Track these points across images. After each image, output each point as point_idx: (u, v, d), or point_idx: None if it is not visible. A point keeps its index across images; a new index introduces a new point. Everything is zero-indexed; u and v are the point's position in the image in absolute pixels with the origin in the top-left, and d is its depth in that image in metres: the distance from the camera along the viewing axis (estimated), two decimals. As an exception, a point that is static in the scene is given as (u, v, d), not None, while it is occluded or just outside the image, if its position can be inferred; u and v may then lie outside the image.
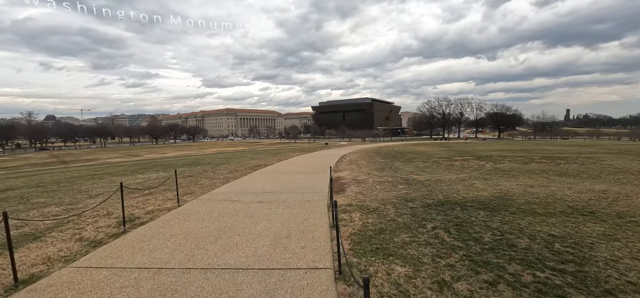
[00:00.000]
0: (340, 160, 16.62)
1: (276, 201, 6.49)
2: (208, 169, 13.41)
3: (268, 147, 69.82)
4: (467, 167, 11.77)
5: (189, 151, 75.55)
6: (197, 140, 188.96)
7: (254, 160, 17.62)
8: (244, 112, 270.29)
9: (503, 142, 55.93)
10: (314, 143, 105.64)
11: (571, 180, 8.61)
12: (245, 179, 9.83)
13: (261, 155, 21.34)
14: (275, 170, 12.16)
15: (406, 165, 12.99)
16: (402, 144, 43.29)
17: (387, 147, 30.31)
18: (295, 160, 16.41)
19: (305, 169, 12.13)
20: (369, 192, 7.33)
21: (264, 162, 15.75)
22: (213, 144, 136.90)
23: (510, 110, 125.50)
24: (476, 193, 6.86)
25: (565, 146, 27.02)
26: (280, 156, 20.08)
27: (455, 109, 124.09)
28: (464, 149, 25.25)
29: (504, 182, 8.32)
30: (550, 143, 39.88)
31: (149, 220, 5.34)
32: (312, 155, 19.84)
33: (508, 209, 5.46)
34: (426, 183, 8.29)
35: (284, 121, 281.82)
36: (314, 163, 14.76)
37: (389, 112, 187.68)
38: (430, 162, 13.95)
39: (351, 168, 12.64)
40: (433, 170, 11.08)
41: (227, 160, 17.80)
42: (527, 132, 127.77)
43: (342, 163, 14.67)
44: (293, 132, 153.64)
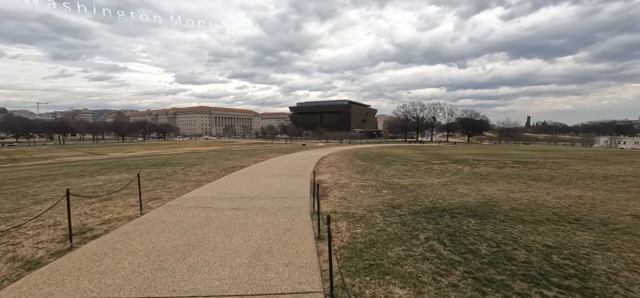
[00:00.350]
0: (320, 162, 16.24)
1: (254, 208, 5.93)
2: (178, 170, 12.45)
3: (244, 147, 68.02)
4: (446, 171, 11.83)
5: (159, 150, 71.92)
6: (169, 139, 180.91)
7: (229, 161, 16.76)
8: (219, 110, 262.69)
9: (473, 146, 58.54)
10: (291, 144, 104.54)
11: (547, 185, 8.82)
12: (220, 182, 9.11)
13: (237, 156, 20.43)
14: (252, 172, 11.50)
15: (387, 169, 12.86)
16: (379, 146, 43.84)
17: (365, 149, 30.40)
18: (273, 162, 15.78)
19: (284, 171, 11.60)
20: (353, 198, 6.98)
21: (240, 163, 14.98)
22: (185, 143, 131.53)
23: (478, 116, 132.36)
24: (461, 199, 6.73)
25: (531, 151, 28.55)
26: (257, 157, 19.32)
27: (429, 114, 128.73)
28: (439, 152, 25.86)
29: (485, 187, 8.34)
30: (516, 148, 42.25)
31: (103, 232, 4.59)
32: (291, 157, 19.29)
33: (496, 216, 5.33)
34: (410, 188, 8.10)
35: (260, 121, 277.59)
36: (292, 165, 14.25)
37: (365, 114, 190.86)
38: (410, 166, 13.95)
39: (332, 171, 12.28)
40: (414, 174, 10.99)
41: (200, 161, 16.78)
42: (493, 137, 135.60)
43: (322, 166, 14.28)
44: (270, 133, 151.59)
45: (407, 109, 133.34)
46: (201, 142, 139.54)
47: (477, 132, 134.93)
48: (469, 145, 61.23)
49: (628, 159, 17.73)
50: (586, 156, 19.75)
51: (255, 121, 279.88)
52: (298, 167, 13.44)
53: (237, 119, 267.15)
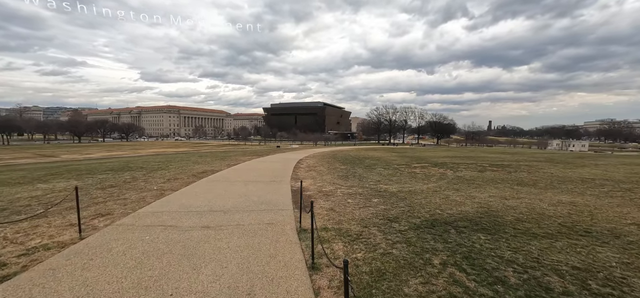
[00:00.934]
0: (298, 165, 15.34)
1: (228, 225, 4.95)
2: (139, 176, 10.97)
3: (215, 149, 65.06)
4: (431, 176, 11.48)
5: (120, 151, 66.90)
6: (132, 140, 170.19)
7: (199, 164, 15.34)
8: (188, 110, 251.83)
9: (443, 148, 60.66)
10: (265, 145, 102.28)
11: (534, 190, 8.66)
12: (187, 191, 7.92)
13: (207, 159, 18.92)
14: (224, 178, 10.35)
15: (370, 173, 12.29)
16: (355, 148, 43.76)
17: (342, 152, 29.95)
18: (247, 166, 14.63)
19: (261, 177, 10.59)
20: (342, 209, 6.21)
21: (210, 168, 13.68)
22: (151, 144, 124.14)
23: (446, 120, 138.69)
24: (459, 209, 6.22)
25: (499, 154, 29.70)
26: (229, 160, 17.98)
27: (401, 117, 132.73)
28: (415, 154, 26.01)
29: (476, 193, 7.97)
30: (483, 150, 44.14)
31: (20, 269, 3.40)
32: (266, 160, 18.19)
33: (505, 230, 4.82)
34: (401, 196, 7.50)
35: (233, 122, 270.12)
36: (269, 169, 13.23)
37: (340, 116, 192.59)
38: (392, 170, 13.52)
39: (312, 175, 11.46)
40: (400, 179, 10.49)
41: (165, 165, 15.18)
42: (459, 140, 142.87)
43: (301, 170, 13.41)
44: (243, 134, 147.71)
45: (380, 112, 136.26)
46: (168, 143, 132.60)
47: (445, 135, 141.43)
48: (439, 148, 63.36)
49: (588, 162, 18.73)
50: (552, 159, 20.68)
51: (227, 122, 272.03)
52: (275, 171, 12.46)
53: (208, 119, 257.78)
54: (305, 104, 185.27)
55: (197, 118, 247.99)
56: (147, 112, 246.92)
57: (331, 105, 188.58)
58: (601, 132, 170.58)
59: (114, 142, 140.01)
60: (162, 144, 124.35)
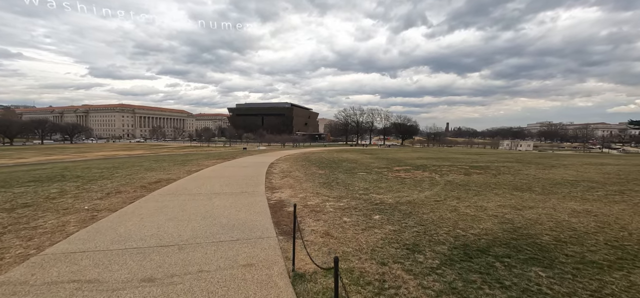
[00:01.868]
0: (270, 170, 13.68)
1: (184, 274, 3.31)
2: (70, 189, 8.62)
3: (175, 151, 60.16)
4: (419, 181, 10.56)
5: (61, 155, 59.51)
6: (78, 141, 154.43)
7: (153, 171, 13.02)
8: (144, 109, 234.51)
9: (409, 148, 62.18)
10: (230, 148, 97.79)
11: (535, 196, 8.01)
12: (130, 212, 5.98)
13: (164, 164, 16.45)
14: (183, 189, 8.43)
15: (353, 179, 11.07)
16: (326, 150, 42.73)
17: (314, 154, 28.65)
18: (212, 172, 12.64)
19: (229, 187, 8.82)
20: (341, 232, 4.83)
21: (167, 175, 11.52)
22: (100, 147, 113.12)
23: (410, 121, 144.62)
24: (480, 226, 5.16)
25: (468, 154, 30.42)
26: (190, 165, 15.73)
27: (368, 118, 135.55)
28: (389, 156, 25.51)
29: (482, 202, 7.07)
30: (448, 150, 45.58)
31: None
32: (233, 164, 16.22)
33: (555, 257, 3.79)
34: (403, 210, 6.31)
35: (195, 122, 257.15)
36: (238, 176, 11.43)
37: (307, 117, 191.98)
38: (375, 174, 12.45)
39: (289, 183, 9.94)
40: (390, 186, 9.37)
41: (110, 172, 12.64)
42: (421, 140, 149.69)
43: (275, 176, 11.80)
44: (206, 135, 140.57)
45: (347, 113, 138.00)
46: (121, 146, 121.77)
47: (408, 136, 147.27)
48: (405, 148, 64.88)
49: (553, 162, 19.41)
50: (521, 160, 21.25)
51: (189, 122, 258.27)
52: (246, 178, 10.71)
53: (167, 119, 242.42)
54: (272, 104, 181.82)
55: (154, 118, 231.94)
56: (96, 111, 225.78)
57: (299, 106, 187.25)
58: (541, 133, 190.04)
59: (56, 145, 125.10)
60: (113, 147, 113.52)
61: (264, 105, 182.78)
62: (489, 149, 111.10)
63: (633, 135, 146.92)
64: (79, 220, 5.49)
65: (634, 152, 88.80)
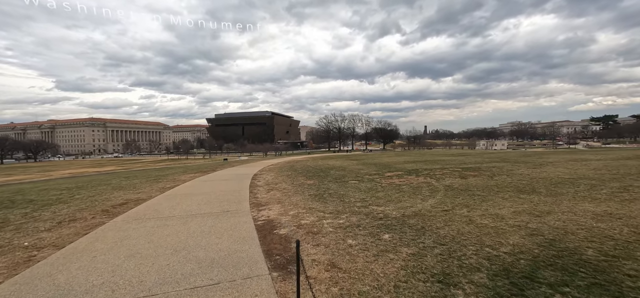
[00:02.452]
0: (254, 183, 12.57)
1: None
2: (14, 219, 7.16)
3: (150, 166, 56.97)
4: (417, 188, 9.86)
5: (22, 175, 54.79)
6: (43, 159, 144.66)
7: (121, 190, 11.56)
8: (117, 122, 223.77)
9: (392, 152, 62.58)
10: (210, 160, 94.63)
11: (545, 199, 7.47)
12: (80, 249, 4.76)
13: (135, 181, 14.88)
14: (153, 212, 7.19)
15: (345, 188, 10.20)
16: (310, 157, 41.79)
17: (298, 162, 27.63)
18: (189, 188, 11.35)
19: (208, 205, 7.68)
20: (351, 263, 3.91)
21: (136, 195, 10.14)
22: (68, 164, 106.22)
23: (390, 126, 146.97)
24: (509, 240, 4.41)
25: (453, 156, 30.53)
26: (165, 180, 14.28)
27: (349, 124, 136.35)
28: (376, 161, 24.97)
29: (495, 210, 6.40)
30: (432, 153, 45.99)
31: None
32: (213, 178, 14.92)
33: (607, 275, 3.09)
34: (413, 225, 5.49)
35: (172, 134, 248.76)
36: (218, 191, 10.25)
37: (289, 126, 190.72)
38: (368, 182, 11.67)
39: (277, 198, 8.91)
40: (388, 196, 8.57)
41: (70, 195, 11.03)
42: (401, 144, 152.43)
43: (260, 189, 10.73)
44: (184, 147, 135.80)
45: (329, 120, 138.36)
46: (91, 162, 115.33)
47: (389, 140, 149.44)
48: (389, 152, 65.26)
49: (537, 160, 19.53)
50: (507, 159, 21.30)
51: (166, 134, 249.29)
52: (227, 194, 9.56)
53: (142, 132, 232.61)
54: (253, 113, 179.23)
55: (128, 131, 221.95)
56: (64, 126, 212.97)
57: (280, 114, 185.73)
58: (513, 132, 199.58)
59: (18, 164, 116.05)
60: (82, 164, 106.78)
61: (245, 115, 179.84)
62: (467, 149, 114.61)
63: (595, 131, 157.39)
64: (9, 265, 4.24)
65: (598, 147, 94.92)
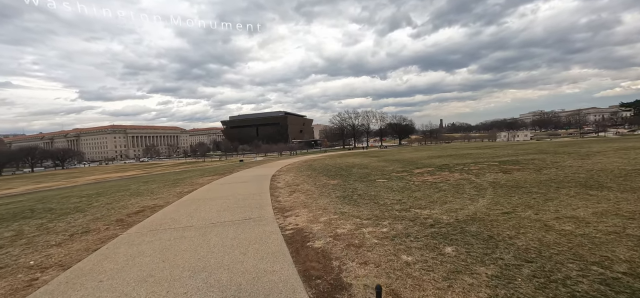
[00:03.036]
0: (274, 184, 11.86)
1: None
2: (29, 231, 6.72)
3: (169, 169, 57.94)
4: (457, 185, 8.79)
5: (50, 183, 57.03)
6: (70, 166, 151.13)
7: (138, 197, 11.14)
8: (137, 128, 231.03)
9: (410, 148, 60.80)
10: (226, 161, 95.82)
11: (626, 195, 6.31)
12: (86, 270, 4.09)
13: (153, 186, 14.54)
14: (169, 221, 6.55)
15: (375, 188, 9.28)
16: (327, 155, 40.97)
17: (316, 161, 26.84)
18: (207, 192, 10.77)
19: (227, 212, 6.97)
20: (418, 292, 3.03)
21: (152, 201, 9.63)
22: (93, 170, 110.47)
23: (405, 120, 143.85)
24: (619, 254, 3.39)
25: (480, 148, 28.88)
26: (183, 185, 13.84)
27: (363, 121, 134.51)
28: (396, 157, 23.81)
29: (567, 211, 5.31)
30: (455, 146, 44.05)
31: None
32: (231, 180, 14.36)
33: None
34: (475, 233, 4.52)
35: (189, 138, 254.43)
36: (237, 195, 9.58)
37: (302, 125, 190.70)
38: (397, 180, 10.70)
39: (301, 200, 8.12)
40: (428, 196, 7.58)
41: (88, 202, 10.69)
42: (416, 139, 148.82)
43: (281, 191, 9.99)
44: (201, 150, 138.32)
45: (342, 117, 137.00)
46: (114, 168, 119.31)
47: (405, 135, 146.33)
48: (406, 148, 63.50)
49: (580, 149, 17.86)
50: (543, 150, 19.66)
51: (183, 138, 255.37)
52: (247, 197, 8.86)
53: (160, 137, 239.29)
54: (266, 114, 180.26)
55: (148, 137, 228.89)
56: (87, 134, 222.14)
57: (293, 114, 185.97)
58: (535, 122, 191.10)
59: (47, 172, 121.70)
60: (106, 169, 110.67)
61: (258, 116, 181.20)
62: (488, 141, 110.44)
63: (625, 117, 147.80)
64: (7, 293, 3.63)
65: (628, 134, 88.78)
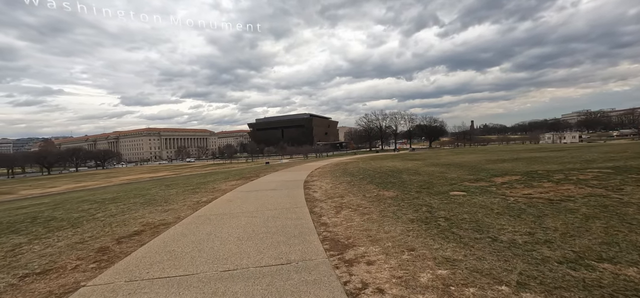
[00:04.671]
0: (309, 193, 9.42)
1: None
2: (26, 241, 4.79)
3: (197, 170, 58.06)
4: (603, 208, 5.81)
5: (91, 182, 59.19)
6: (109, 167, 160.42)
7: (148, 207, 9.18)
8: (169, 131, 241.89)
9: (446, 150, 56.12)
10: (252, 163, 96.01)
11: None
12: None
13: (172, 191, 12.70)
14: (167, 261, 4.21)
15: (462, 208, 6.49)
16: (357, 158, 38.10)
17: (348, 164, 24.16)
18: (228, 205, 8.54)
19: (253, 242, 4.55)
20: None
21: (160, 216, 7.53)
22: (128, 171, 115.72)
23: (436, 122, 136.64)
24: None
25: (549, 151, 24.67)
26: (203, 191, 11.84)
27: (390, 122, 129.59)
28: (444, 161, 20.50)
29: None
30: (501, 149, 39.18)
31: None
32: (258, 187, 12.14)
33: None
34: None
35: (217, 140, 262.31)
36: (266, 210, 7.23)
37: (327, 127, 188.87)
38: (483, 194, 7.82)
39: (358, 225, 5.57)
40: (575, 226, 4.74)
41: (93, 213, 8.86)
42: (447, 142, 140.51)
43: (322, 206, 7.50)
44: (228, 152, 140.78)
45: (369, 119, 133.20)
46: (148, 168, 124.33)
47: (435, 137, 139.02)
48: (441, 150, 58.89)
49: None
50: (638, 153, 15.60)
51: (212, 140, 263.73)
52: (279, 216, 6.45)
53: (191, 139, 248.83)
54: (291, 116, 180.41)
55: (179, 139, 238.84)
56: (125, 136, 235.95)
57: (318, 116, 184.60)
58: (580, 123, 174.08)
59: (89, 171, 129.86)
60: (140, 170, 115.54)
61: (283, 118, 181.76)
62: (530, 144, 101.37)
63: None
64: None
65: None
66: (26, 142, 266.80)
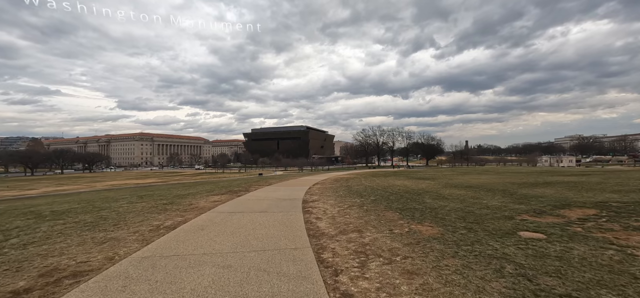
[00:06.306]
0: (312, 221, 6.88)
1: None
2: None
3: (185, 179, 54.86)
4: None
5: (72, 186, 55.35)
6: (98, 170, 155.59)
7: (100, 231, 6.50)
8: (163, 137, 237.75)
9: (445, 169, 54.09)
10: (245, 174, 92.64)
11: None
12: None
13: (141, 205, 10.00)
14: None
15: (540, 260, 4.09)
16: (356, 174, 35.61)
17: (349, 180, 21.66)
18: (196, 236, 5.94)
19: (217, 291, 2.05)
20: None
21: (99, 249, 4.90)
22: (115, 176, 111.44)
23: (434, 140, 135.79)
24: None
25: (564, 176, 22.51)
26: (178, 207, 9.18)
27: (387, 139, 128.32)
28: (456, 181, 18.16)
29: None
30: (511, 171, 37.00)
31: None
32: (244, 206, 9.51)
33: None
34: None
35: (211, 148, 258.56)
36: (249, 248, 4.67)
37: (323, 140, 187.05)
38: (561, 239, 5.42)
39: (404, 288, 3.11)
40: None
41: (51, 225, 6.16)
42: (444, 160, 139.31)
43: (335, 250, 4.99)
44: (221, 161, 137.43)
45: (366, 134, 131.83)
46: (136, 174, 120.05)
47: (432, 155, 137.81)
48: (440, 169, 56.91)
49: None
50: None
51: (206, 149, 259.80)
52: (268, 260, 3.84)
53: (184, 146, 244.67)
54: (288, 127, 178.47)
55: (172, 145, 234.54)
56: (117, 140, 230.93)
57: (315, 128, 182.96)
58: (574, 147, 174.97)
59: (75, 174, 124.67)
60: (128, 175, 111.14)
61: (280, 129, 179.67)
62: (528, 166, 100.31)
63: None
64: None
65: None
66: (15, 141, 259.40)
